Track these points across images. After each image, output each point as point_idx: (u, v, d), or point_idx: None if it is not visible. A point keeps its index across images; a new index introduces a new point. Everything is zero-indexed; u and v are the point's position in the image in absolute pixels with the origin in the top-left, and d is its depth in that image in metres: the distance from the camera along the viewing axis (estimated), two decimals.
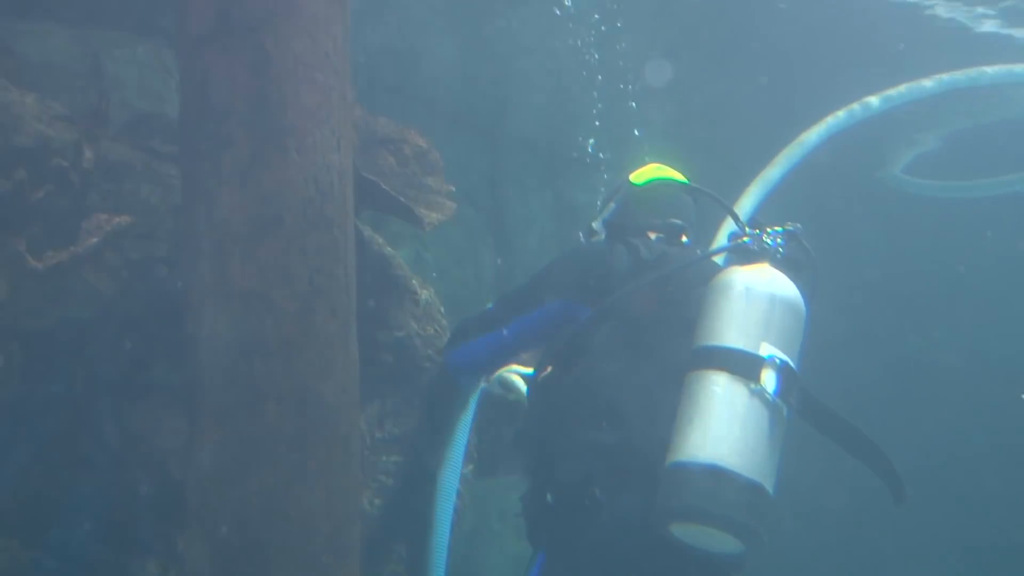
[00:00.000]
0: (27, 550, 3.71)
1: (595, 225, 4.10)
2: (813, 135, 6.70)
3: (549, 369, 3.66)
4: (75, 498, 3.74)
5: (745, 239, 3.55)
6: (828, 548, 10.10)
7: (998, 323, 10.39)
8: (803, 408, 3.35)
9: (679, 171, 4.13)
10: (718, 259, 3.69)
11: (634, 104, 8.61)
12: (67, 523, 3.73)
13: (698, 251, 3.82)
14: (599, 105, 8.39)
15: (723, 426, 3.13)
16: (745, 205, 5.83)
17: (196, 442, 3.42)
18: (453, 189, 4.77)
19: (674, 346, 3.45)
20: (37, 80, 4.14)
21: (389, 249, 4.60)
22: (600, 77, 8.35)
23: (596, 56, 8.38)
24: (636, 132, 8.64)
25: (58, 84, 4.29)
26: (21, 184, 3.66)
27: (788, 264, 3.45)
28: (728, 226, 4.70)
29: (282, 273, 3.43)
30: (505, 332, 3.85)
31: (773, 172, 6.24)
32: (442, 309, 4.68)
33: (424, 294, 4.60)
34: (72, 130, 3.92)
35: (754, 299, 3.30)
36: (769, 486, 3.15)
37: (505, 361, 4.30)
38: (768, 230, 3.55)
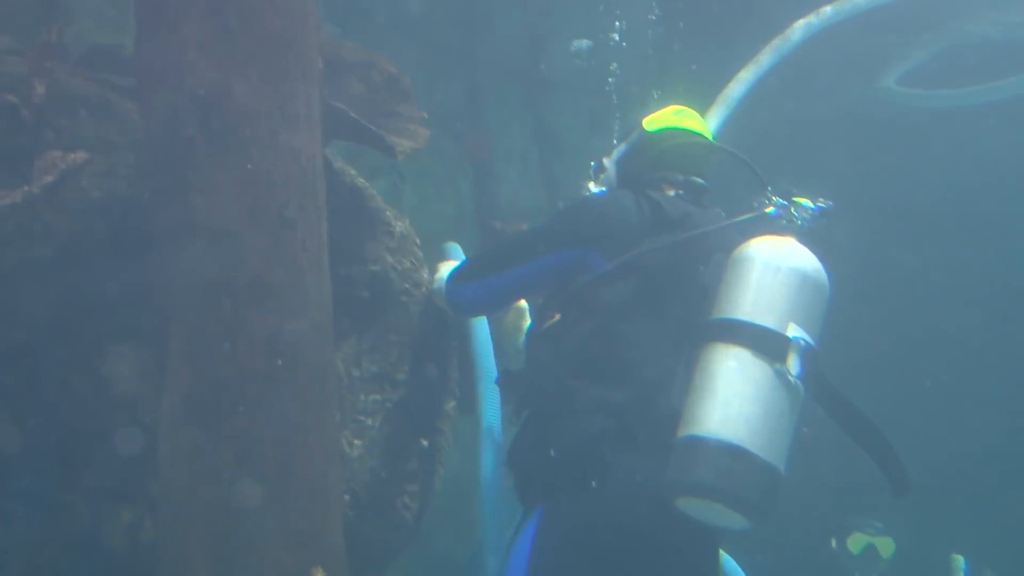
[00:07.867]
0: None
1: (606, 162, 3.98)
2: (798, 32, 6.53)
3: (556, 317, 3.57)
4: (40, 445, 3.65)
5: (771, 209, 3.46)
6: None
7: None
8: (819, 392, 3.31)
9: (701, 119, 3.98)
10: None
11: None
12: (33, 470, 3.64)
13: (720, 214, 3.70)
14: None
15: (745, 405, 3.09)
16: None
17: (166, 385, 3.32)
18: (426, 116, 4.62)
19: (690, 312, 3.37)
20: None
21: (362, 180, 4.47)
22: None
23: None
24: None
25: (8, 18, 4.13)
26: None
27: (815, 241, 3.37)
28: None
29: (249, 207, 3.31)
30: (513, 275, 3.76)
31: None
32: (418, 241, 4.55)
33: (399, 226, 4.46)
34: (23, 65, 3.77)
35: (784, 276, 3.23)
36: (782, 468, 3.12)
37: (509, 303, 4.23)
38: (797, 202, 3.47)
